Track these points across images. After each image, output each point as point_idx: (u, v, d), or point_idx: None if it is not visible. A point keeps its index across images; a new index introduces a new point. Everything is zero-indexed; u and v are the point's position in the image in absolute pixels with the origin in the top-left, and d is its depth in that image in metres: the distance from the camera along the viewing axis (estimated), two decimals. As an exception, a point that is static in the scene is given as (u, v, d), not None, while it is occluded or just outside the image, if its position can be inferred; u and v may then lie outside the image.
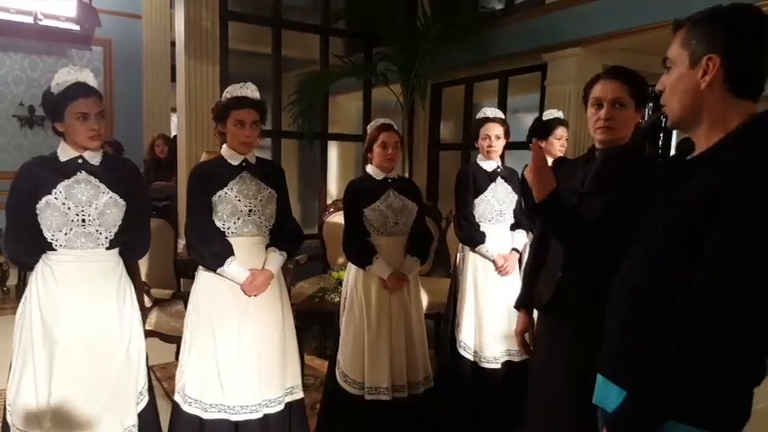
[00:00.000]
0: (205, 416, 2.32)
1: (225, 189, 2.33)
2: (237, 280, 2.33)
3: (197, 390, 2.34)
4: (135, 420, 2.16)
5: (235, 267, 2.32)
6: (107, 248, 2.09)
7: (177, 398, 2.40)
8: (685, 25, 1.28)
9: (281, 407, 2.41)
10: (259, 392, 2.35)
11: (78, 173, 2.06)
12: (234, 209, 2.33)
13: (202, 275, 2.40)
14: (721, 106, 1.23)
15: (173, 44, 5.87)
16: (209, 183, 2.36)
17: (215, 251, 2.32)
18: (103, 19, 6.29)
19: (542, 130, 3.29)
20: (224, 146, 2.43)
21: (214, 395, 2.32)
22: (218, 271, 2.32)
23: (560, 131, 3.26)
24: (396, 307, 2.68)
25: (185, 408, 2.35)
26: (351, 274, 2.77)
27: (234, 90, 2.36)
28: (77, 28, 6.08)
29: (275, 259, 2.42)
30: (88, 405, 2.03)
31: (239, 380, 2.32)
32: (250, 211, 2.36)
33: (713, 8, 1.27)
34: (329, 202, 5.05)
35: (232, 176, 2.37)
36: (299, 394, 2.52)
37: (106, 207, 2.07)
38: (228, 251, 2.33)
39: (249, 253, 2.38)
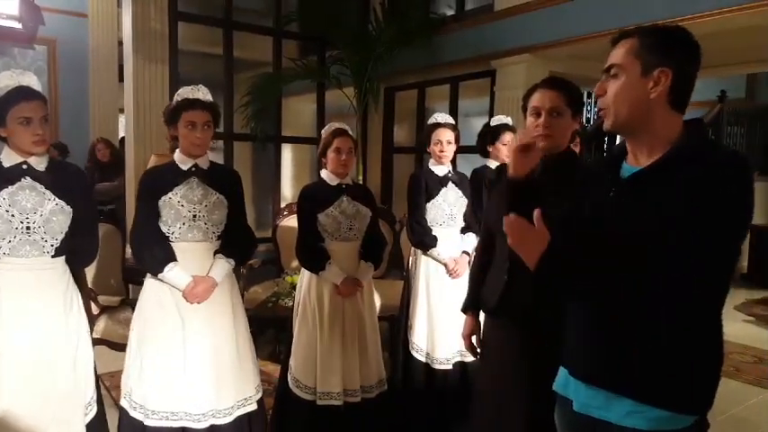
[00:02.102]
0: (147, 422, 2.28)
1: (170, 194, 2.30)
2: (178, 286, 2.29)
3: (141, 395, 2.30)
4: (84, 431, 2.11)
5: (175, 273, 2.28)
6: (53, 256, 2.04)
7: (123, 402, 2.36)
8: (634, 36, 1.34)
9: (229, 418, 2.35)
10: (206, 402, 2.31)
11: (23, 179, 2.00)
12: (177, 214, 2.30)
13: (149, 280, 2.36)
14: (663, 117, 1.32)
15: (120, 44, 5.73)
16: (156, 187, 2.33)
17: (155, 256, 2.29)
18: (47, 17, 6.06)
19: (490, 135, 3.36)
20: (177, 151, 2.40)
21: (156, 401, 2.28)
22: (158, 276, 2.29)
23: (507, 137, 3.33)
24: (349, 312, 2.69)
25: (131, 412, 2.31)
26: (304, 278, 2.77)
27: (185, 92, 2.33)
28: (19, 26, 5.85)
29: (220, 267, 2.36)
30: (34, 416, 1.98)
31: (182, 387, 2.28)
32: (194, 216, 2.32)
33: (663, 26, 1.36)
34: (283, 205, 5.02)
35: (179, 181, 2.33)
36: (252, 406, 2.45)
37: (52, 214, 2.01)
38: (170, 256, 2.30)
39: (194, 259, 2.34)
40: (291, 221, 4.42)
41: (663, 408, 1.29)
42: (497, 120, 3.41)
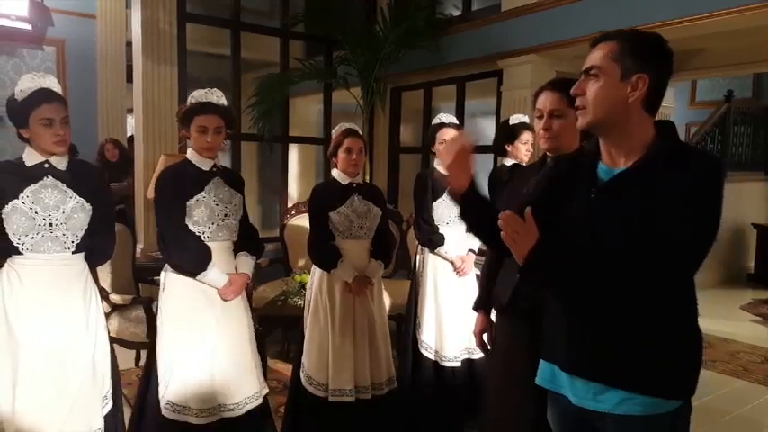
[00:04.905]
0: (192, 420, 2.32)
1: (202, 193, 2.36)
2: (217, 285, 2.36)
3: (182, 398, 2.33)
4: (101, 423, 2.15)
5: (215, 272, 2.36)
6: (73, 252, 2.09)
7: (165, 413, 2.34)
8: (614, 40, 1.39)
9: (259, 400, 2.48)
10: (238, 391, 2.40)
11: (45, 178, 2.06)
12: (211, 213, 2.36)
13: (172, 282, 2.39)
14: (639, 119, 1.39)
15: (128, 44, 5.77)
16: (183, 186, 2.36)
17: (197, 256, 2.35)
18: (56, 18, 6.13)
19: (509, 134, 3.36)
20: (189, 150, 2.44)
21: (198, 400, 2.33)
22: (198, 276, 2.34)
23: (526, 136, 3.33)
24: (360, 310, 2.72)
25: (173, 416, 2.33)
26: (315, 277, 2.80)
27: (199, 95, 2.37)
28: (29, 27, 5.91)
29: (248, 263, 2.49)
30: (52, 410, 2.02)
31: (218, 382, 2.35)
32: (226, 215, 2.40)
33: (642, 32, 1.41)
34: (290, 205, 5.05)
35: (206, 181, 2.39)
36: (259, 401, 2.51)
37: (73, 212, 2.07)
38: (209, 256, 2.37)
39: (221, 258, 2.42)
40: (299, 221, 4.45)
41: (653, 395, 1.36)
42: (516, 118, 3.41)
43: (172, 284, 2.40)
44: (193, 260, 2.34)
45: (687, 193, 1.29)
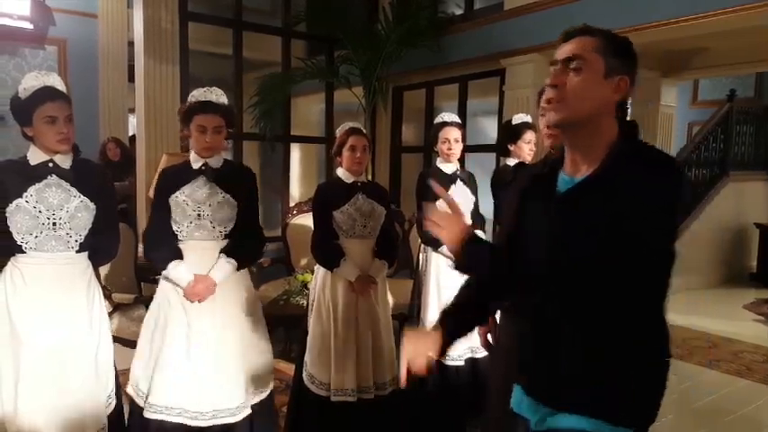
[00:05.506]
0: (145, 413, 2.29)
1: (177, 193, 2.34)
2: (180, 284, 2.31)
3: (145, 386, 2.34)
4: (105, 422, 2.15)
5: (178, 271, 2.30)
6: (77, 252, 2.09)
7: (129, 390, 2.39)
8: (594, 36, 1.31)
9: (235, 418, 2.34)
10: (209, 401, 2.30)
11: (49, 176, 2.06)
12: (183, 212, 2.34)
13: (162, 282, 2.40)
14: (609, 122, 1.32)
15: (130, 44, 5.77)
16: (168, 186, 2.38)
17: (161, 253, 2.34)
18: (58, 18, 6.14)
19: (512, 134, 3.35)
20: (191, 150, 2.43)
21: (157, 395, 2.29)
22: (163, 274, 2.33)
23: (529, 135, 3.33)
24: (363, 309, 2.71)
25: (136, 399, 2.36)
26: (318, 276, 2.80)
27: (198, 94, 2.35)
28: (30, 26, 5.92)
29: (221, 267, 2.34)
30: (54, 409, 2.02)
31: (185, 384, 2.29)
32: (198, 215, 2.34)
33: (623, 37, 1.35)
34: (291, 204, 5.06)
35: (187, 180, 2.36)
36: (247, 411, 2.40)
37: (77, 211, 2.07)
38: (175, 254, 2.33)
39: (200, 257, 2.35)
40: (301, 220, 4.45)
41: (613, 424, 1.29)
42: (518, 118, 3.41)
43: (161, 283, 2.40)
44: (159, 258, 2.33)
45: (666, 203, 1.22)
